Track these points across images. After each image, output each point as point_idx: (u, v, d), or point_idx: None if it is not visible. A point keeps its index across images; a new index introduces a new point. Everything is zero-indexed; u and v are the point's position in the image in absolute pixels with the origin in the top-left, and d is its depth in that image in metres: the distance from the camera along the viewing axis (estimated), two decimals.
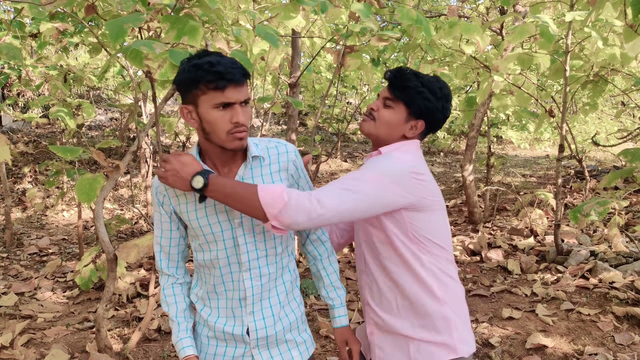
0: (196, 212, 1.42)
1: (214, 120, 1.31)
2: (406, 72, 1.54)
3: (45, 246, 5.58)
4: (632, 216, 5.98)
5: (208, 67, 1.26)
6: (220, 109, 1.30)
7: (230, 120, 1.31)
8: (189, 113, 1.35)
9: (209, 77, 1.27)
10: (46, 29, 3.57)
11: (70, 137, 5.23)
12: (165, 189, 1.45)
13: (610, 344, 3.14)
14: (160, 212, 1.48)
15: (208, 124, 1.32)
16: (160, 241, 1.52)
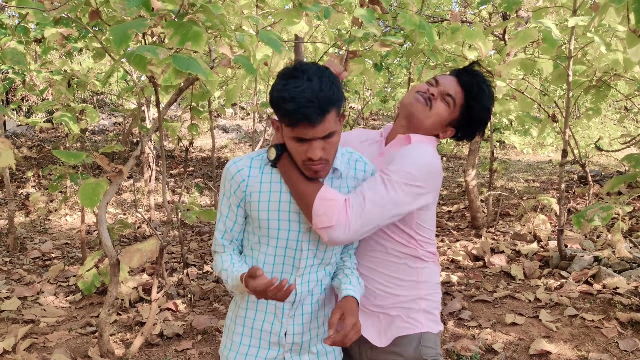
0: (269, 204, 1.39)
1: (291, 148, 1.32)
2: (485, 82, 1.55)
3: (48, 250, 5.59)
4: (636, 221, 5.95)
5: (281, 102, 1.24)
6: (296, 141, 1.29)
7: (305, 153, 1.29)
8: (278, 129, 1.37)
9: (281, 111, 1.25)
10: (50, 34, 3.59)
11: (73, 141, 5.24)
12: (248, 175, 1.40)
13: (614, 350, 3.12)
14: (230, 198, 1.44)
15: (289, 148, 1.34)
16: (226, 221, 1.47)
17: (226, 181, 1.43)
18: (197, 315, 3.77)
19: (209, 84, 2.33)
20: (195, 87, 3.77)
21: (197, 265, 5.09)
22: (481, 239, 5.57)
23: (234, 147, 11.56)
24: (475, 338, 3.38)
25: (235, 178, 1.41)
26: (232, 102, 4.78)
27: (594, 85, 4.68)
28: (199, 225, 6.96)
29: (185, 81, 2.66)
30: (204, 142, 11.43)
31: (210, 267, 5.00)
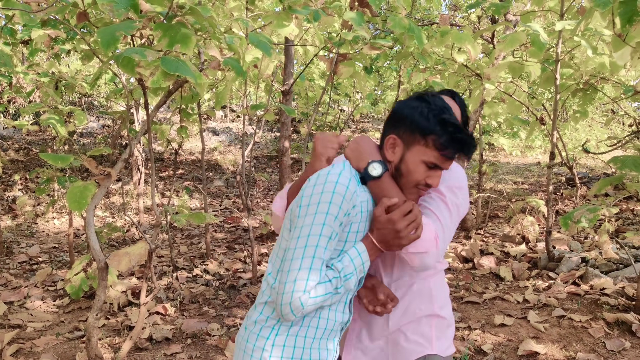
0: (365, 224, 1.33)
1: (414, 170, 1.32)
2: None
3: (36, 254, 5.53)
4: (622, 223, 6.02)
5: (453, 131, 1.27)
6: (426, 166, 1.32)
7: (426, 179, 1.33)
8: (394, 146, 1.35)
9: (445, 139, 1.28)
10: (38, 35, 3.56)
11: (61, 144, 5.20)
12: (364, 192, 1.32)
13: (602, 350, 3.15)
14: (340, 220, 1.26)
15: (406, 169, 1.33)
16: (327, 246, 1.25)
17: (343, 201, 1.24)
18: (187, 319, 3.75)
19: (198, 87, 2.32)
20: (185, 90, 3.76)
21: (186, 268, 5.06)
22: (470, 241, 5.60)
23: (224, 150, 11.53)
24: (464, 339, 3.40)
25: (353, 198, 1.27)
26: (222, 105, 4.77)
27: (581, 89, 4.73)
28: (189, 229, 6.92)
29: (174, 83, 2.65)
30: (194, 144, 11.39)
31: (200, 270, 4.98)
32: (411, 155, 1.31)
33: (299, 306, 1.21)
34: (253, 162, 11.05)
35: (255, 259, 4.60)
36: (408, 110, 1.32)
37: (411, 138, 1.31)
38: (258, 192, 9.11)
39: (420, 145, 1.30)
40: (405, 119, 1.32)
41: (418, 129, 1.30)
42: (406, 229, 1.26)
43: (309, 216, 1.24)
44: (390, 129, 1.35)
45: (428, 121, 1.29)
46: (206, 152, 10.96)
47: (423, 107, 1.31)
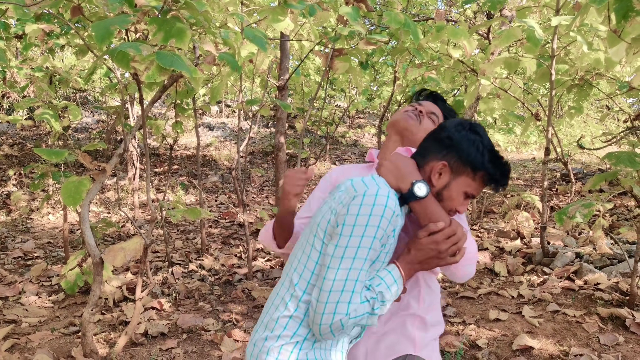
0: (395, 242, 1.33)
1: (455, 199, 1.35)
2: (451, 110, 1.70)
3: (30, 250, 5.52)
4: (617, 218, 6.05)
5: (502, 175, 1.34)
6: (465, 196, 1.36)
7: (460, 206, 1.37)
8: (442, 172, 1.35)
9: (500, 178, 1.34)
10: (31, 30, 3.53)
11: (55, 139, 5.17)
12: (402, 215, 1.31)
13: (595, 345, 3.17)
14: (381, 241, 1.24)
15: (448, 196, 1.35)
16: (366, 276, 1.25)
17: (389, 225, 1.23)
18: (182, 314, 3.75)
19: (193, 81, 2.31)
20: (180, 85, 3.74)
21: (182, 264, 5.06)
22: None
23: (220, 145, 11.51)
24: (459, 334, 3.41)
25: (396, 218, 1.26)
26: (217, 100, 4.76)
27: (576, 84, 4.74)
28: (184, 224, 6.92)
29: (169, 78, 2.64)
30: (189, 140, 11.36)
31: (196, 265, 4.97)
32: (456, 185, 1.34)
33: (340, 327, 1.21)
34: (249, 157, 11.04)
35: (251, 254, 4.60)
36: (465, 143, 1.33)
37: (462, 169, 1.33)
38: (254, 188, 9.11)
39: (468, 178, 1.33)
40: (461, 149, 1.33)
41: (471, 162, 1.32)
42: (447, 251, 1.29)
43: (355, 238, 1.21)
44: (440, 155, 1.34)
45: (483, 157, 1.32)
46: (201, 148, 10.94)
47: (478, 141, 1.34)
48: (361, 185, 1.26)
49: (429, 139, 1.40)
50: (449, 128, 1.37)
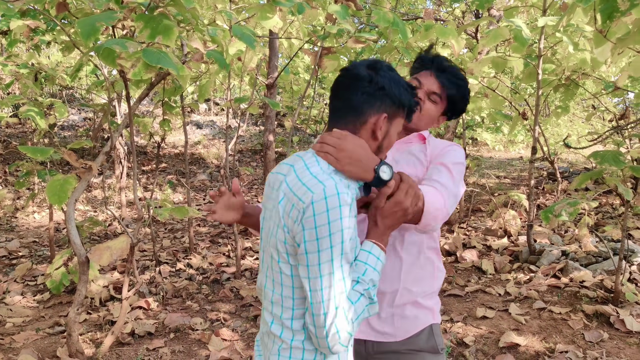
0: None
1: (392, 141, 1.33)
2: (455, 67, 1.55)
3: (15, 249, 5.45)
4: (602, 216, 6.12)
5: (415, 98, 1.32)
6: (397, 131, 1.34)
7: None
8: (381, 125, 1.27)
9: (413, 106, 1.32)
10: (17, 26, 3.48)
11: (40, 137, 5.12)
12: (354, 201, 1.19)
13: (580, 342, 3.20)
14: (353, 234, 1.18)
15: (389, 142, 1.32)
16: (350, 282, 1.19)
17: (347, 218, 1.15)
18: (170, 313, 3.72)
19: (180, 79, 2.30)
20: (167, 82, 3.72)
21: (169, 262, 5.03)
22: (453, 235, 5.64)
23: (208, 144, 11.45)
24: (447, 332, 3.43)
25: (347, 200, 1.17)
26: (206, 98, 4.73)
27: (562, 84, 4.79)
28: (172, 223, 6.87)
29: (156, 76, 2.62)
30: (177, 138, 11.29)
31: (183, 264, 4.95)
32: (393, 129, 1.30)
33: (349, 338, 1.17)
34: (237, 155, 11.00)
35: (239, 253, 4.58)
36: (395, 87, 1.26)
37: (396, 112, 1.28)
38: (242, 186, 9.08)
39: (400, 117, 1.30)
40: (394, 94, 1.26)
41: (402, 103, 1.28)
42: (411, 204, 1.27)
43: (324, 251, 1.13)
44: (377, 107, 1.25)
45: (409, 93, 1.29)
46: (190, 146, 10.88)
47: (398, 78, 1.28)
48: (305, 191, 1.15)
49: (357, 93, 1.25)
50: (374, 78, 1.25)
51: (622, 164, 3.03)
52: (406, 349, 1.55)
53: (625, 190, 3.25)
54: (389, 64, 1.30)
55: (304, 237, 1.14)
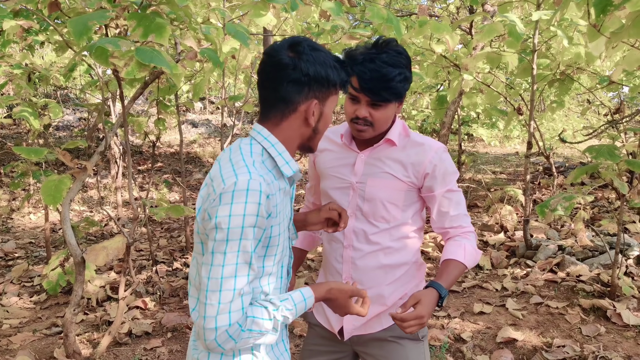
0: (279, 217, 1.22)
1: (328, 120, 1.29)
2: (374, 65, 1.41)
3: (11, 250, 5.43)
4: (598, 211, 6.14)
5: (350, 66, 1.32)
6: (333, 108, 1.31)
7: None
8: (312, 110, 1.23)
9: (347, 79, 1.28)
10: (9, 26, 3.46)
11: (34, 137, 5.09)
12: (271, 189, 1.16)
13: (578, 336, 3.21)
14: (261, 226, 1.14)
15: (324, 124, 1.28)
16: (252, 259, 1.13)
17: (259, 217, 1.11)
18: (167, 313, 3.72)
19: (174, 77, 2.29)
20: (162, 81, 3.70)
21: (166, 262, 5.02)
22: None
23: (203, 142, 11.42)
24: (444, 328, 3.43)
25: (270, 200, 1.14)
26: (200, 96, 4.72)
27: (557, 79, 4.79)
28: (168, 222, 6.86)
29: (150, 74, 2.61)
30: (173, 137, 11.26)
31: (180, 263, 4.94)
32: (327, 109, 1.26)
33: (226, 339, 1.11)
34: None
35: None
36: (320, 68, 1.19)
37: (327, 93, 1.24)
38: None
39: (333, 95, 1.26)
40: (321, 77, 1.20)
41: (332, 83, 1.22)
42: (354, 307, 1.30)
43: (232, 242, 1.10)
44: (305, 93, 1.20)
45: (338, 71, 1.22)
46: (185, 145, 10.86)
47: (323, 57, 1.20)
48: (219, 182, 1.13)
49: (283, 84, 1.19)
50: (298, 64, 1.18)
51: (618, 158, 3.04)
52: (389, 336, 1.62)
53: (621, 184, 3.25)
54: (310, 42, 1.22)
55: (209, 225, 1.12)
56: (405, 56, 1.47)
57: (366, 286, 1.60)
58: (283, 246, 1.28)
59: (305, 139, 1.27)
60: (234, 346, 1.13)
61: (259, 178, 1.12)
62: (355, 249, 1.59)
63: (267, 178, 1.15)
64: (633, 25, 2.07)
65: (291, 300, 1.22)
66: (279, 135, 1.23)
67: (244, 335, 1.13)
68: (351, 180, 1.57)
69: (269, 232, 1.18)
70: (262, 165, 1.19)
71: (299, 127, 1.24)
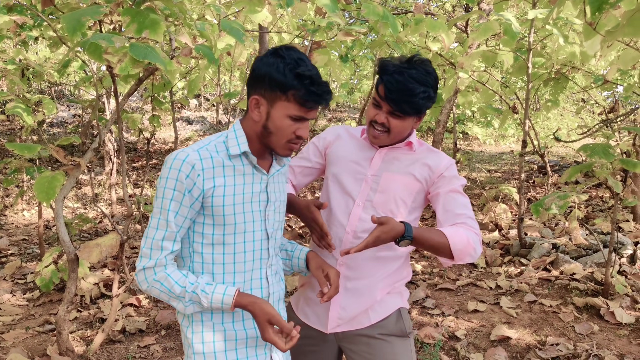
0: (234, 197, 1.33)
1: (283, 127, 1.32)
2: (404, 79, 1.48)
3: (4, 247, 5.40)
4: (592, 209, 6.16)
5: (309, 84, 1.27)
6: (292, 120, 1.31)
7: (296, 132, 1.34)
8: (258, 106, 1.33)
9: (303, 92, 1.27)
10: (3, 22, 3.43)
11: (28, 133, 5.06)
12: (202, 168, 1.29)
13: (571, 334, 3.23)
14: (184, 195, 1.28)
15: (274, 126, 1.32)
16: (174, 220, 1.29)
17: (177, 181, 1.28)
18: (161, 310, 3.71)
19: (168, 74, 2.27)
20: (156, 78, 3.68)
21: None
22: None
23: (198, 139, 11.38)
24: (438, 325, 3.44)
25: (191, 176, 1.28)
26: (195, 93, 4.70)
27: (552, 78, 4.80)
28: None
29: (144, 71, 2.59)
30: (168, 134, 11.23)
31: None
32: (276, 112, 1.31)
33: (142, 279, 1.32)
34: None
35: None
36: (265, 68, 1.30)
37: (273, 95, 1.30)
38: None
39: (282, 101, 1.30)
40: (264, 77, 1.30)
41: (277, 85, 1.28)
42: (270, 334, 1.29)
43: (158, 199, 1.31)
44: (252, 90, 1.34)
45: (285, 77, 1.27)
46: (180, 142, 10.82)
47: (279, 62, 1.29)
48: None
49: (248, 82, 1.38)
50: (255, 63, 1.34)
51: (612, 157, 3.05)
52: (376, 333, 1.64)
53: (615, 183, 3.27)
54: (276, 50, 1.32)
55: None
56: (434, 77, 1.55)
57: (359, 276, 1.61)
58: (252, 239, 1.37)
59: (259, 135, 1.36)
60: (147, 289, 1.32)
61: (191, 152, 1.30)
62: (357, 236, 1.60)
63: (204, 153, 1.31)
64: (628, 24, 2.08)
65: (213, 287, 1.31)
66: (244, 126, 1.38)
67: (155, 285, 1.31)
68: (366, 172, 1.63)
69: (210, 202, 1.31)
70: (214, 147, 1.35)
71: (253, 122, 1.36)
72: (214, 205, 1.31)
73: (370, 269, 1.61)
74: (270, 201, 1.41)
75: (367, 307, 1.62)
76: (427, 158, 1.63)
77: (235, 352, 1.38)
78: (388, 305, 1.65)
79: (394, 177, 1.60)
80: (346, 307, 1.63)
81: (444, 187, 1.60)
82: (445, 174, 1.60)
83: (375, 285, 1.62)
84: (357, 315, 1.63)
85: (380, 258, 1.61)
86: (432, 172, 1.61)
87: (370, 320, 1.63)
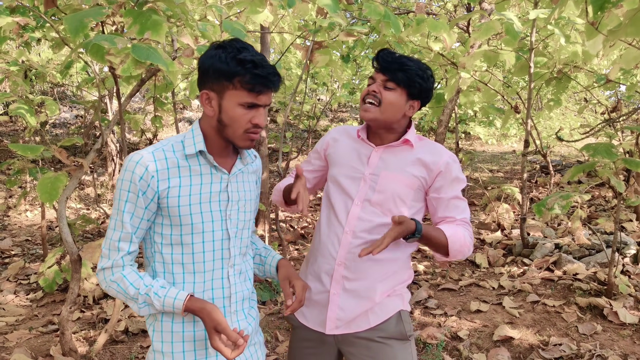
0: (190, 197, 1.33)
1: (236, 117, 1.30)
2: (399, 55, 1.58)
3: (8, 248, 5.41)
4: (595, 209, 6.15)
5: (252, 67, 1.25)
6: (245, 107, 1.30)
7: (251, 120, 1.31)
8: (209, 100, 1.32)
9: (248, 77, 1.26)
10: (6, 23, 3.45)
11: (31, 134, 5.07)
12: (156, 170, 1.30)
13: (574, 334, 3.22)
14: (138, 197, 1.29)
15: (228, 118, 1.31)
16: (130, 221, 1.31)
17: (131, 183, 1.29)
18: None
19: (170, 75, 2.28)
20: (158, 79, 3.69)
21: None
22: None
23: None
24: (441, 326, 3.44)
25: (144, 177, 1.28)
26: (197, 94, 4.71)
27: (554, 77, 4.79)
28: None
29: (146, 72, 2.60)
30: (170, 134, 11.24)
31: None
32: (227, 103, 1.31)
33: (102, 279, 1.34)
34: None
35: None
36: (209, 61, 1.30)
37: (220, 86, 1.29)
38: None
39: (230, 90, 1.29)
40: (209, 70, 1.30)
41: (222, 75, 1.28)
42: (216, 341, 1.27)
43: (115, 200, 1.33)
44: (201, 86, 1.34)
45: (228, 65, 1.27)
46: None
47: (220, 53, 1.28)
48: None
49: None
50: (200, 58, 1.34)
51: (615, 156, 3.04)
52: (376, 336, 1.62)
53: (618, 183, 3.26)
54: (219, 43, 1.32)
55: None
56: (430, 73, 1.61)
57: (358, 277, 1.60)
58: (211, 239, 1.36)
59: (216, 130, 1.35)
60: (106, 289, 1.34)
61: (146, 153, 1.30)
62: (356, 236, 1.59)
63: (158, 154, 1.31)
64: (631, 24, 2.07)
65: (166, 291, 1.32)
66: (202, 125, 1.37)
67: (112, 285, 1.33)
68: (364, 172, 1.62)
69: (165, 202, 1.31)
70: (170, 147, 1.35)
71: (208, 118, 1.35)
72: (170, 206, 1.31)
73: (368, 270, 1.60)
74: (232, 200, 1.39)
75: (367, 309, 1.61)
76: (426, 155, 1.62)
77: (194, 353, 1.37)
78: (388, 308, 1.63)
79: (392, 176, 1.59)
80: (345, 307, 1.62)
81: (446, 192, 1.60)
82: (445, 173, 1.59)
83: (374, 286, 1.61)
84: (356, 317, 1.62)
85: (378, 260, 1.60)
86: (430, 169, 1.60)
87: (370, 323, 1.61)
